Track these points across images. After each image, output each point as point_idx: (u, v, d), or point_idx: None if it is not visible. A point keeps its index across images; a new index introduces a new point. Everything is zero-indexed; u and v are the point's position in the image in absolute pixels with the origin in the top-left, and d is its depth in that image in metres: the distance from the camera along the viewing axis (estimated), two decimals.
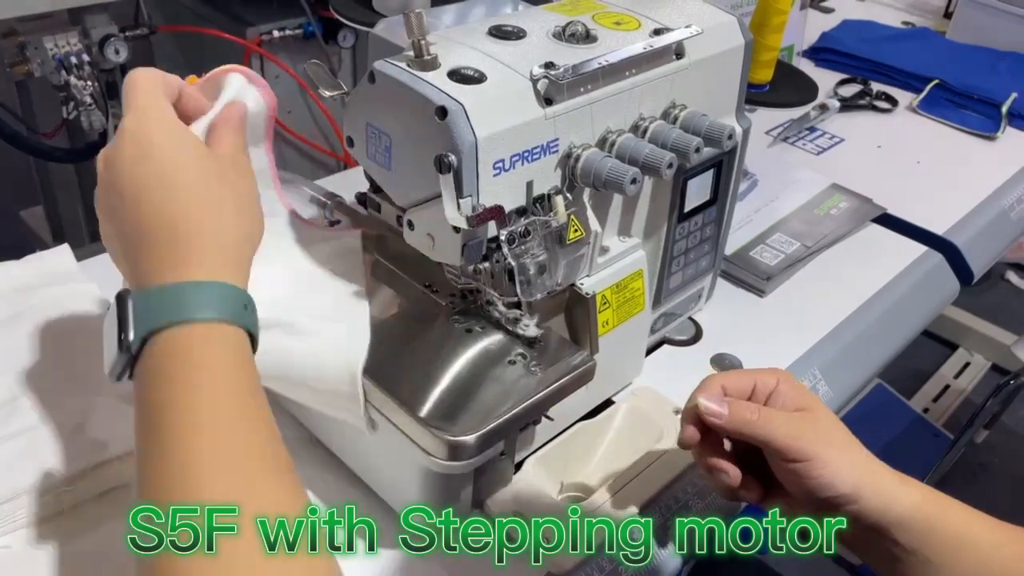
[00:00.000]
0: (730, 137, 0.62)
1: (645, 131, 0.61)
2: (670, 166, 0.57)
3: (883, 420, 1.91)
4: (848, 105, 1.25)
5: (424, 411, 0.53)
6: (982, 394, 1.98)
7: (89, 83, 1.40)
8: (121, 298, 0.43)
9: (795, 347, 0.78)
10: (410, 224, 0.57)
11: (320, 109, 1.77)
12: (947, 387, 2.06)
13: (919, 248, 0.95)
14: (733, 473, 0.54)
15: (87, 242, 1.86)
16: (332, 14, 1.46)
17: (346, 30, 1.66)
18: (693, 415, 0.55)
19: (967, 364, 2.14)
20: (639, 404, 0.69)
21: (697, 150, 0.60)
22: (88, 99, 1.39)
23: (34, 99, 1.64)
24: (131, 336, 0.42)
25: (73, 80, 1.38)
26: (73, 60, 1.38)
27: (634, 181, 0.55)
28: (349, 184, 0.69)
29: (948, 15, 1.60)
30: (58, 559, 0.54)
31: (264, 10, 1.68)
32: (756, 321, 0.82)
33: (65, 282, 0.74)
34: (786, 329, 0.81)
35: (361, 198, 0.67)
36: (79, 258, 0.80)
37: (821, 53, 1.40)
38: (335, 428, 0.63)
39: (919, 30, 1.53)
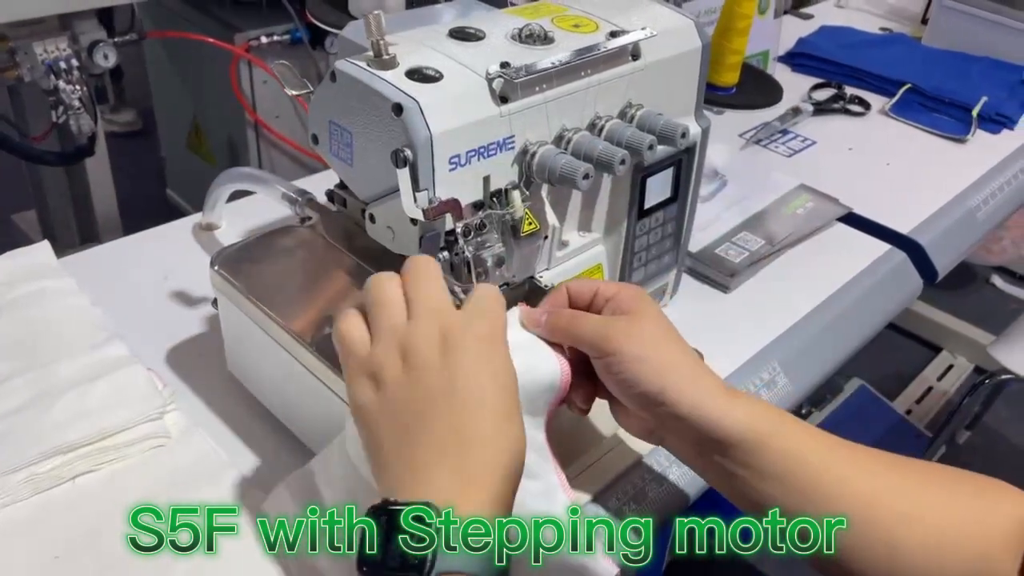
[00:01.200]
0: (683, 135, 0.65)
1: (601, 129, 0.63)
2: (622, 162, 0.60)
3: (866, 421, 1.93)
4: (822, 109, 1.27)
5: None
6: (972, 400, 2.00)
7: (78, 87, 1.42)
8: (429, 513, 0.41)
9: (756, 341, 0.80)
10: (371, 217, 0.60)
11: (307, 114, 1.79)
12: (930, 389, 2.09)
13: (883, 246, 0.97)
14: (584, 401, 0.55)
15: (78, 243, 1.89)
16: None
17: (333, 37, 1.69)
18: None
19: (950, 366, 2.16)
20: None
21: (651, 147, 0.62)
22: (77, 103, 1.42)
23: (25, 103, 1.66)
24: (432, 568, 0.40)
25: (62, 84, 1.40)
26: (62, 65, 1.40)
27: (587, 176, 0.58)
28: (326, 183, 0.71)
29: (925, 21, 1.62)
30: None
31: (253, 16, 1.72)
32: (720, 316, 0.84)
33: (45, 278, 0.76)
34: (748, 324, 0.83)
35: (330, 194, 0.69)
36: (68, 259, 0.83)
37: (797, 58, 1.42)
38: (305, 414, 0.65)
39: (895, 36, 1.56)
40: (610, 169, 0.59)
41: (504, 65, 0.56)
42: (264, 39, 1.68)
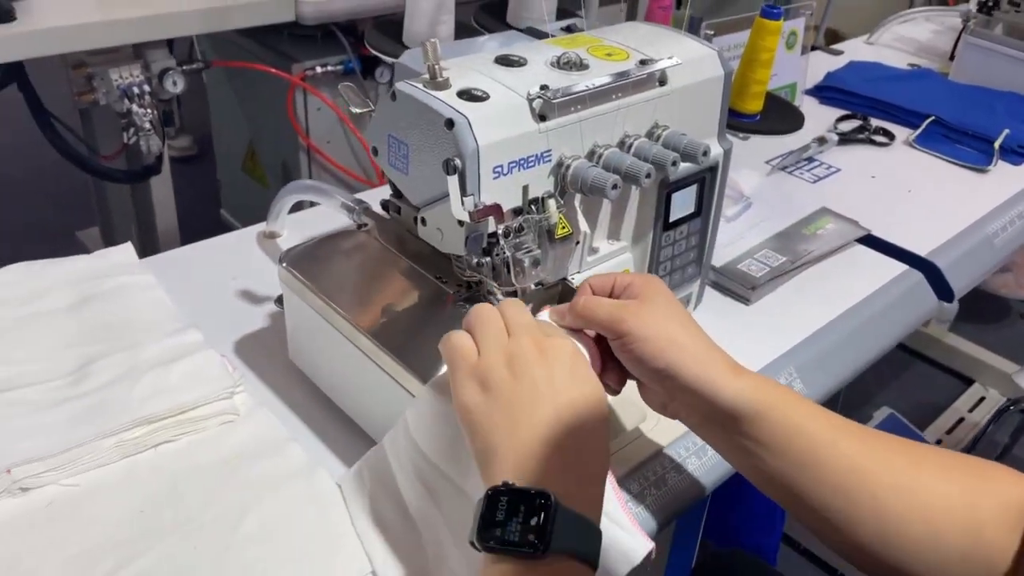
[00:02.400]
0: (705, 154, 0.71)
1: (630, 147, 0.70)
2: (648, 176, 0.66)
3: None
4: (847, 139, 1.33)
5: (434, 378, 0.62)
6: (997, 427, 2.01)
7: (149, 111, 1.54)
8: (548, 501, 0.47)
9: (775, 349, 0.86)
10: (423, 220, 0.67)
11: (358, 140, 1.90)
12: (961, 420, 2.10)
13: (900, 267, 1.02)
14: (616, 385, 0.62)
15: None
16: (370, 51, 1.58)
17: (383, 67, 1.79)
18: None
19: (982, 399, 2.17)
20: (626, 392, 0.77)
21: (674, 163, 0.69)
22: (148, 125, 1.53)
23: (95, 125, 1.79)
24: (546, 547, 0.46)
25: (135, 108, 1.52)
26: (136, 90, 1.52)
27: (615, 187, 0.65)
28: (377, 197, 0.79)
29: (953, 58, 1.67)
30: (114, 502, 0.64)
31: (309, 48, 1.83)
32: (740, 326, 0.90)
33: (127, 273, 0.85)
34: (768, 333, 0.89)
35: (385, 204, 0.77)
36: (144, 261, 0.92)
37: (825, 91, 1.49)
38: (354, 391, 0.72)
39: (922, 71, 1.61)
40: (636, 181, 0.66)
41: (543, 88, 0.64)
42: (319, 69, 1.79)
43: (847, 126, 1.37)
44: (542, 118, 0.64)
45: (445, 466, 0.59)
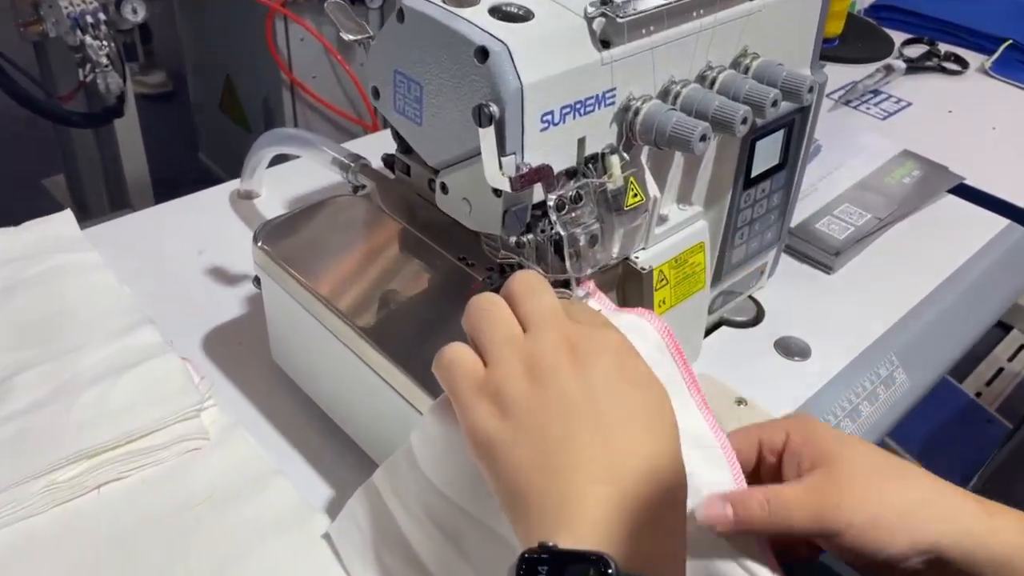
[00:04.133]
0: (811, 90, 0.54)
1: (713, 82, 0.53)
2: (744, 121, 0.50)
3: (933, 403, 1.82)
4: (914, 67, 1.15)
5: None
6: None
7: (106, 43, 1.34)
8: (604, 567, 0.32)
9: (868, 331, 0.70)
10: (443, 187, 0.50)
11: (347, 73, 1.70)
12: (1001, 370, 1.97)
13: (1000, 221, 0.86)
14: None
15: (108, 210, 1.82)
16: None
17: None
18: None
19: (1022, 347, 2.04)
20: None
21: (774, 104, 0.52)
22: (104, 60, 1.34)
23: (51, 62, 1.59)
24: None
25: (89, 40, 1.32)
26: (89, 19, 1.32)
27: (703, 138, 0.48)
28: (376, 148, 0.61)
29: None
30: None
31: None
32: (823, 301, 0.74)
33: (66, 250, 0.68)
34: (857, 310, 0.73)
35: (388, 160, 0.60)
36: (93, 230, 0.75)
37: (883, 11, 1.30)
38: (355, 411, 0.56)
39: None
40: (730, 129, 0.49)
41: (605, 2, 0.46)
42: None
43: (913, 51, 1.19)
44: (605, 44, 0.47)
45: (469, 504, 0.44)
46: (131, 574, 0.48)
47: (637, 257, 0.55)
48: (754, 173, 0.62)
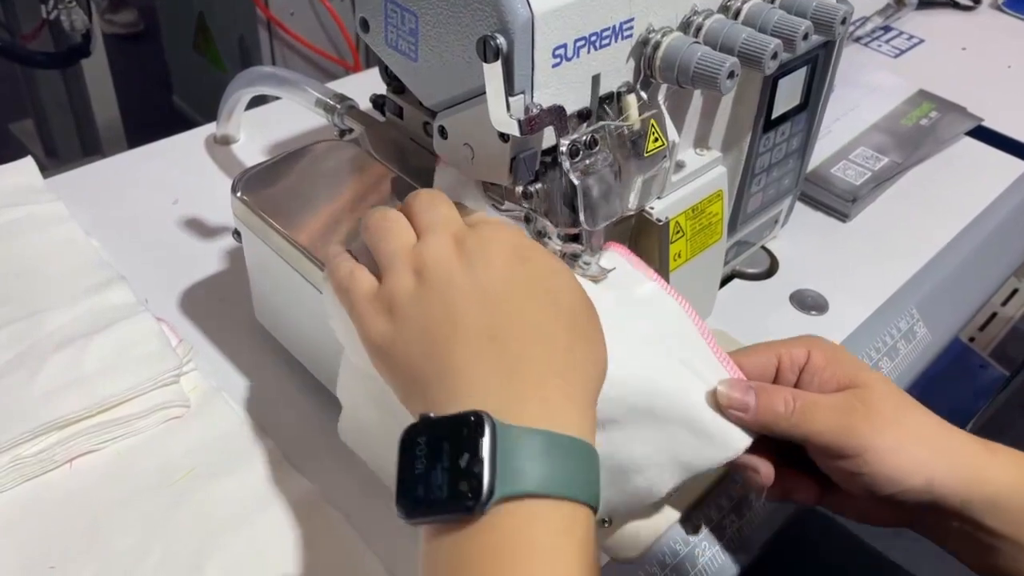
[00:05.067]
0: (843, 22, 0.49)
1: (738, 12, 0.48)
2: (774, 56, 0.45)
3: None
4: (926, 1, 1.09)
5: None
6: None
7: None
8: (473, 426, 0.31)
9: (887, 282, 0.67)
10: (441, 131, 0.45)
11: (326, 9, 1.61)
12: (994, 315, 1.95)
13: (1019, 164, 0.82)
14: (764, 472, 0.43)
15: (80, 155, 1.74)
16: None
17: None
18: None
19: (1015, 291, 2.02)
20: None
21: (805, 37, 0.47)
22: None
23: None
24: (488, 496, 0.30)
25: None
26: None
27: (731, 75, 0.43)
28: (361, 89, 0.56)
29: None
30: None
31: None
32: (839, 250, 0.70)
33: (28, 202, 0.62)
34: (875, 260, 0.69)
35: (378, 101, 0.54)
36: (58, 179, 0.69)
37: None
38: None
39: None
40: (758, 65, 0.45)
41: None
42: None
43: None
44: None
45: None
46: (106, 554, 0.44)
47: (652, 207, 0.51)
48: (775, 114, 0.58)
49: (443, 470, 0.31)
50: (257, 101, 0.73)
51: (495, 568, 0.30)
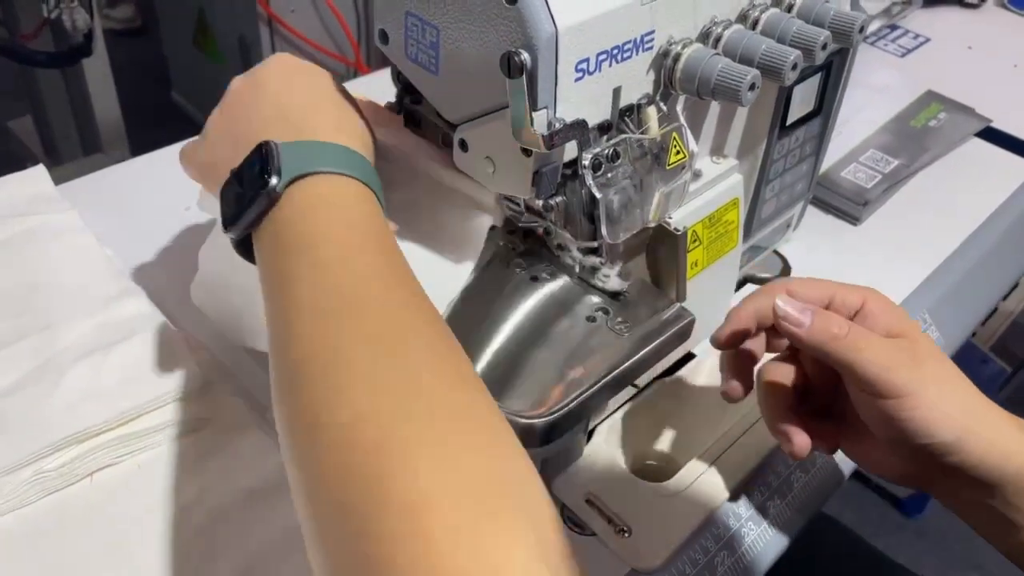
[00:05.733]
0: (861, 30, 0.49)
1: (756, 22, 0.48)
2: (794, 67, 0.45)
3: None
4: None
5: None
6: None
7: None
8: (265, 145, 0.40)
9: (899, 285, 0.67)
10: (463, 144, 0.45)
11: (327, 6, 1.61)
12: (995, 310, 1.95)
13: None
14: (799, 442, 0.44)
15: (81, 155, 1.73)
16: None
17: None
18: (735, 363, 0.46)
19: (1015, 285, 2.02)
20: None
21: (824, 47, 0.47)
22: None
23: None
24: (278, 180, 0.38)
25: None
26: None
27: (753, 87, 0.43)
28: (368, 92, 0.56)
29: None
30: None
31: None
32: (851, 254, 0.70)
33: (41, 211, 0.62)
34: (885, 264, 0.69)
35: (394, 108, 0.54)
36: (68, 186, 0.69)
37: None
38: None
39: None
40: (778, 76, 0.45)
41: None
42: None
43: None
44: None
45: None
46: (128, 568, 0.44)
47: (670, 217, 0.51)
48: (789, 120, 0.58)
49: (251, 179, 0.39)
50: None
51: (304, 226, 0.37)
